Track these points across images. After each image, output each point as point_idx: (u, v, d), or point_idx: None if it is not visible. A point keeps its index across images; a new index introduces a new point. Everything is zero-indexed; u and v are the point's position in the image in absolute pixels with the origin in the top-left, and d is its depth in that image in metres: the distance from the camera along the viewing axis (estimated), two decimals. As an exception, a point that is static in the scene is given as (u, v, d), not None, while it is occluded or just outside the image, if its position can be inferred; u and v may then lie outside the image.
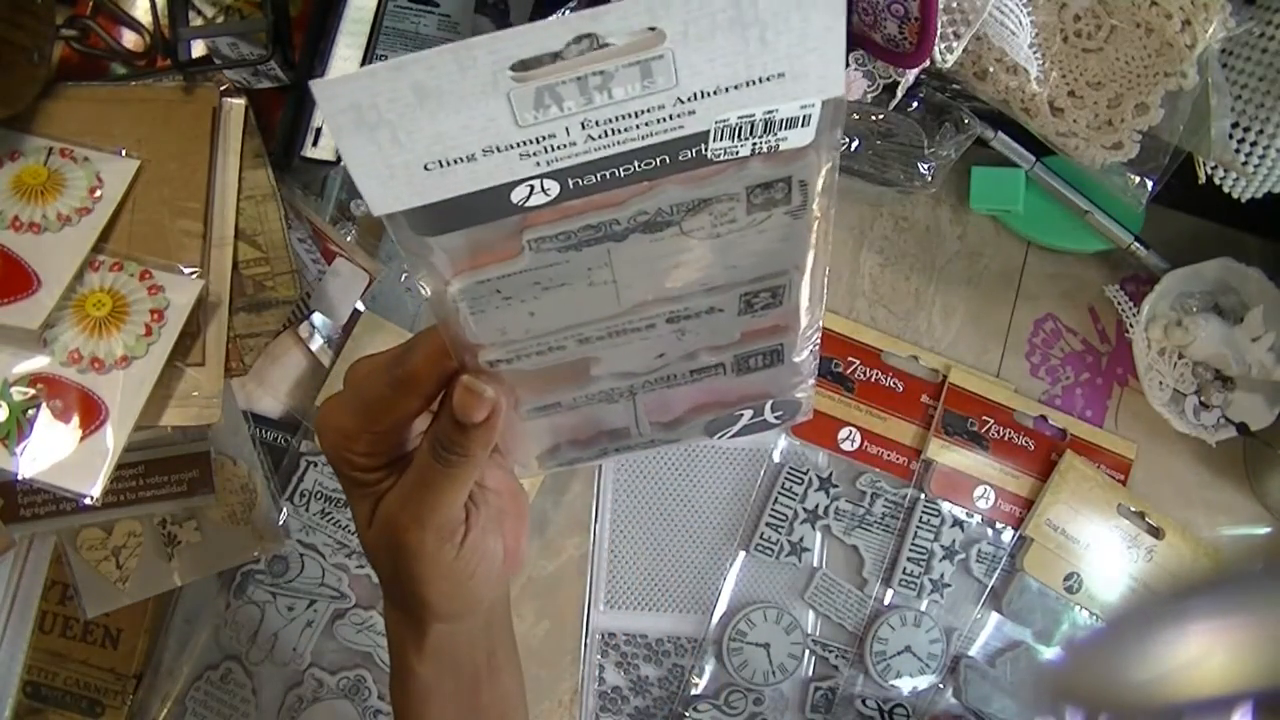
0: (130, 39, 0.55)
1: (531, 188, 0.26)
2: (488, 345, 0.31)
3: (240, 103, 0.56)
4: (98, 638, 0.58)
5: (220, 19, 0.55)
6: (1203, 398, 0.64)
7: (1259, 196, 0.57)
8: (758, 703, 0.63)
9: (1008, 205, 0.63)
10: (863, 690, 0.64)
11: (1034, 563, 0.64)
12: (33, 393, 0.51)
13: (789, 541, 0.63)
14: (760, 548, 0.63)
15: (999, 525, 0.65)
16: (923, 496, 0.64)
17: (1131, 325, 0.64)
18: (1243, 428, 0.63)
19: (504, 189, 0.25)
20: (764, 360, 0.34)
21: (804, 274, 0.31)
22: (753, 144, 0.25)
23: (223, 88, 0.56)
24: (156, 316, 0.53)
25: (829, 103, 0.25)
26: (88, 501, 0.51)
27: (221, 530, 0.58)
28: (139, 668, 0.58)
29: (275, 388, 0.61)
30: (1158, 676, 0.35)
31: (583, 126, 0.24)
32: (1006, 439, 0.65)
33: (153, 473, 0.57)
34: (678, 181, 0.26)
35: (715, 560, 0.63)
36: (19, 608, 0.56)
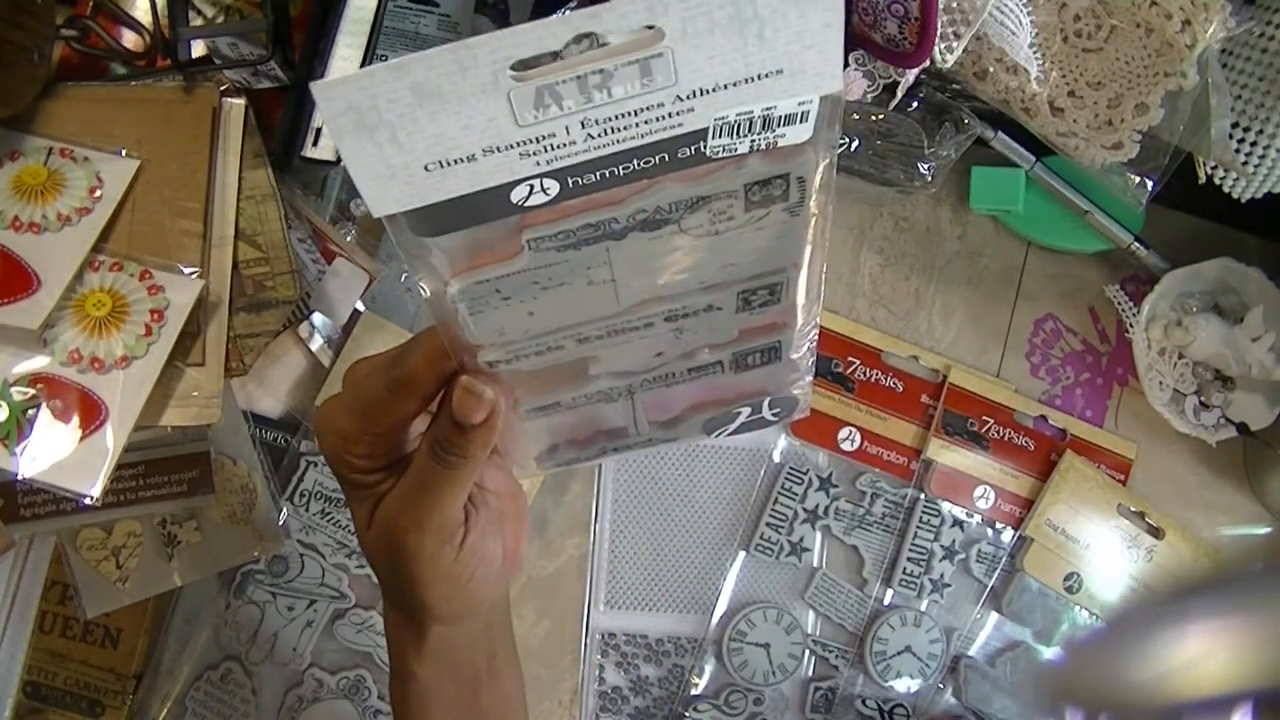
0: (130, 39, 0.55)
1: (531, 187, 0.26)
2: (486, 346, 0.31)
3: (240, 103, 0.56)
4: (98, 638, 0.58)
5: (220, 19, 0.55)
6: (1203, 398, 0.64)
7: (1259, 196, 0.57)
8: (758, 703, 0.63)
9: (1008, 205, 0.63)
10: (863, 690, 0.64)
11: (1034, 563, 0.64)
12: (33, 393, 0.51)
13: (789, 541, 0.63)
14: (760, 548, 0.63)
15: (999, 525, 0.65)
16: (923, 496, 0.64)
17: (1131, 325, 0.64)
18: (1243, 428, 0.63)
19: (504, 189, 0.26)
20: (762, 357, 0.34)
21: (801, 271, 0.31)
22: (751, 141, 0.26)
23: (223, 88, 0.56)
24: (156, 316, 0.53)
25: (827, 99, 0.25)
26: (88, 501, 0.51)
27: (221, 530, 0.58)
28: (139, 668, 0.58)
29: (275, 388, 0.61)
30: (1158, 676, 0.35)
31: (583, 125, 0.24)
32: (1006, 439, 0.65)
33: (153, 473, 0.57)
34: (676, 179, 0.27)
35: (715, 560, 0.63)
36: (19, 608, 0.56)
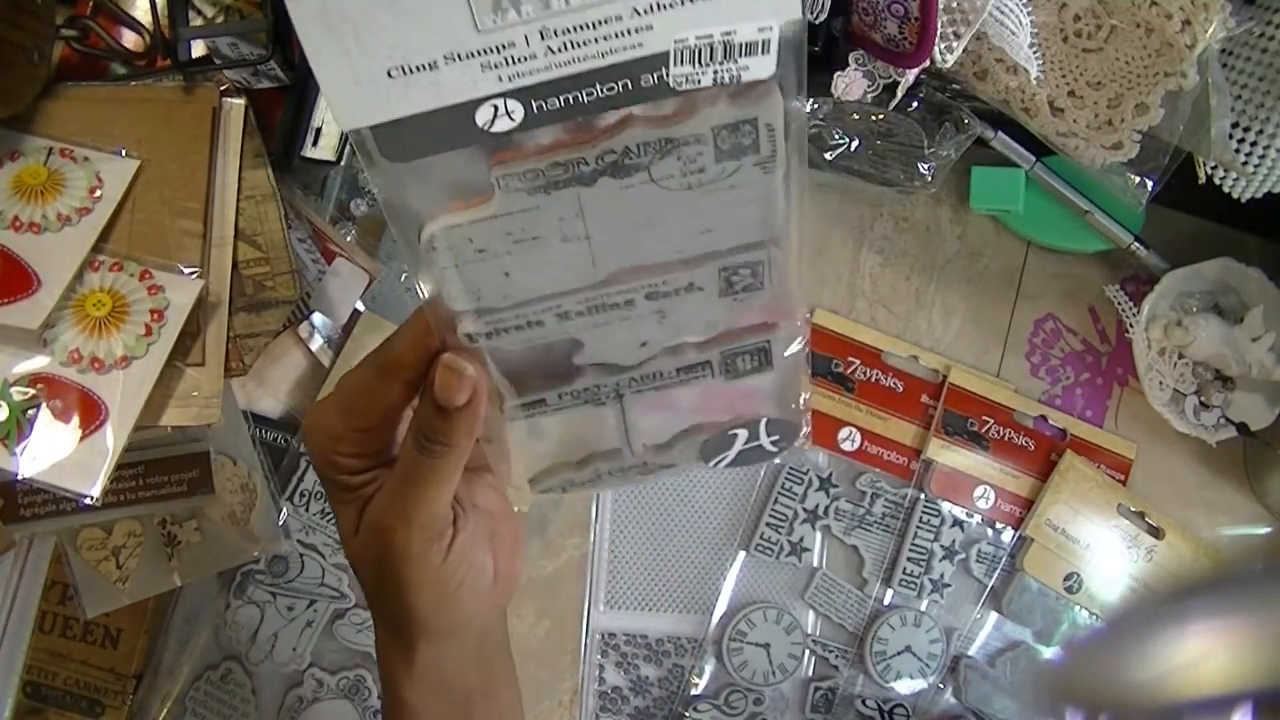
0: (130, 39, 0.55)
1: (495, 109, 0.26)
2: (466, 314, 0.31)
3: (240, 103, 0.56)
4: (98, 638, 0.58)
5: (220, 19, 0.55)
6: (1203, 398, 0.64)
7: (1259, 196, 0.57)
8: (758, 703, 0.63)
9: (1008, 205, 0.63)
10: (863, 690, 0.64)
11: (1034, 563, 0.64)
12: (33, 393, 0.51)
13: (789, 541, 0.63)
14: (760, 548, 0.63)
15: (999, 525, 0.65)
16: (923, 496, 0.64)
17: (1131, 325, 0.64)
18: (1243, 428, 0.63)
19: (467, 108, 0.26)
20: (752, 361, 0.34)
21: (781, 251, 0.31)
22: (714, 71, 0.26)
23: (223, 88, 0.56)
24: (156, 316, 0.53)
25: (788, 36, 0.25)
26: (88, 501, 0.51)
27: (221, 530, 0.58)
28: (139, 668, 0.58)
29: (275, 388, 0.61)
30: (1158, 676, 0.35)
31: (542, 36, 0.25)
32: (1006, 439, 0.65)
33: (153, 473, 0.57)
34: (644, 119, 0.27)
35: (715, 560, 0.63)
36: (19, 608, 0.56)
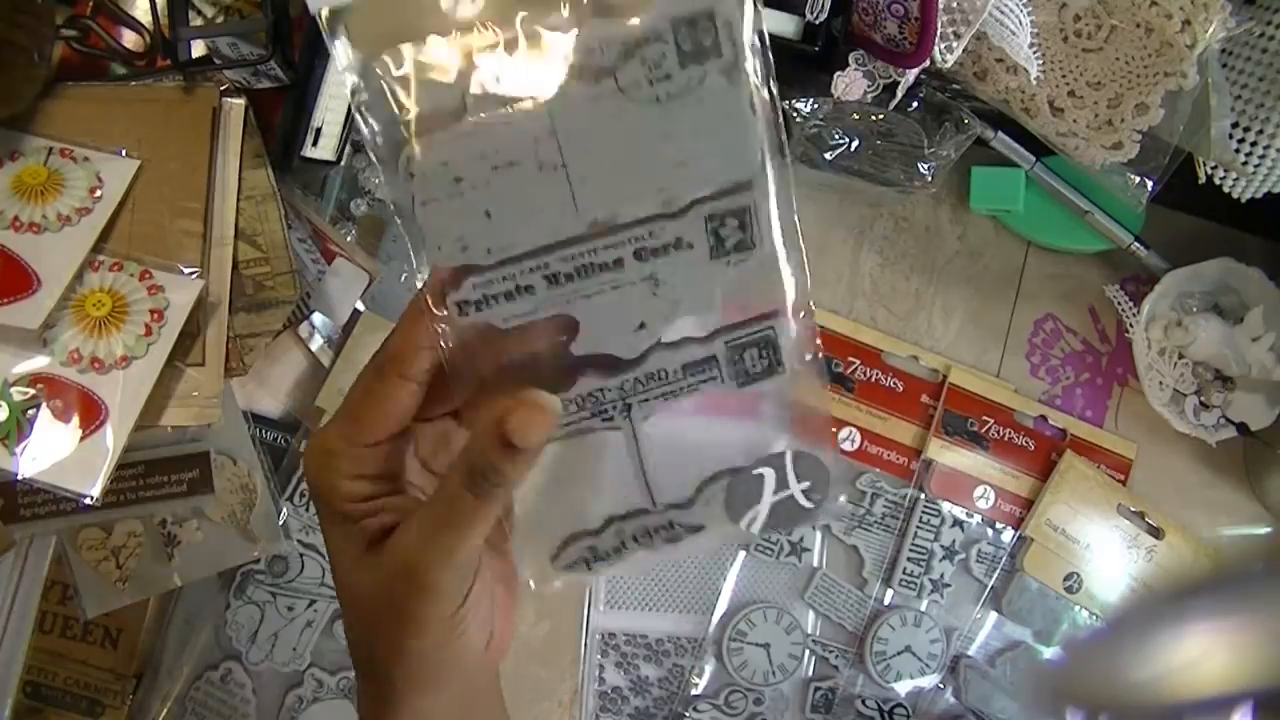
0: (130, 39, 0.55)
1: None
2: (454, 275, 0.31)
3: (240, 103, 0.56)
4: (98, 638, 0.58)
5: (220, 19, 0.55)
6: (1203, 398, 0.64)
7: (1259, 196, 0.57)
8: (758, 703, 0.63)
9: (1008, 205, 0.63)
10: (863, 690, 0.64)
11: (1034, 563, 0.64)
12: (33, 393, 0.51)
13: (789, 541, 0.63)
14: (760, 548, 0.63)
15: (999, 525, 0.65)
16: (923, 496, 0.64)
17: (1131, 325, 0.64)
18: (1243, 428, 0.63)
19: None
20: (761, 357, 0.33)
21: (767, 199, 0.31)
22: None
23: (223, 88, 0.56)
24: (156, 316, 0.53)
25: None
26: (88, 501, 0.51)
27: (221, 530, 0.58)
28: (139, 668, 0.58)
29: (275, 388, 0.61)
30: (1158, 676, 0.35)
31: None
32: (1006, 439, 0.65)
33: (153, 473, 0.57)
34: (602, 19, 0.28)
35: (715, 560, 0.63)
36: (19, 608, 0.56)
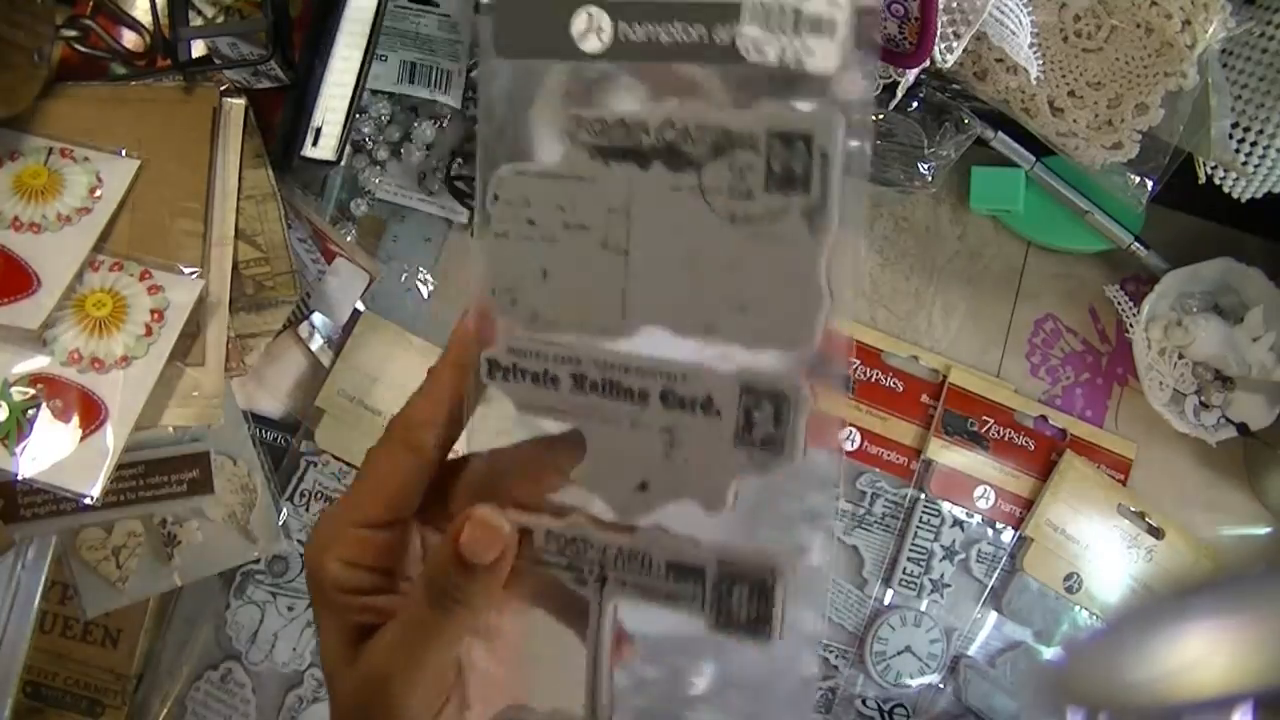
0: (130, 39, 0.55)
1: (589, 17, 0.27)
2: (490, 331, 0.30)
3: (240, 103, 0.56)
4: (98, 638, 0.58)
5: (220, 19, 0.55)
6: (1203, 398, 0.64)
7: (1259, 196, 0.57)
8: (758, 703, 0.63)
9: (1008, 205, 0.63)
10: (863, 690, 0.64)
11: (1034, 563, 0.64)
12: (33, 393, 0.51)
13: (789, 541, 0.63)
14: (760, 548, 0.63)
15: (999, 525, 0.65)
16: (923, 496, 0.64)
17: (1131, 325, 0.64)
18: (1243, 428, 0.63)
19: (566, 7, 0.28)
20: (750, 606, 0.28)
21: (804, 400, 0.27)
22: (780, 44, 0.26)
23: (223, 88, 0.56)
24: (156, 316, 0.53)
25: (859, 21, 0.26)
26: (88, 501, 0.51)
27: (221, 530, 0.58)
28: (139, 668, 0.58)
29: (275, 388, 0.61)
30: (1158, 676, 0.35)
31: None
32: (1006, 439, 0.65)
33: (153, 473, 0.57)
34: (706, 93, 0.27)
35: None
36: (19, 608, 0.56)
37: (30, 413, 0.51)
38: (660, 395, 0.29)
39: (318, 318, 0.61)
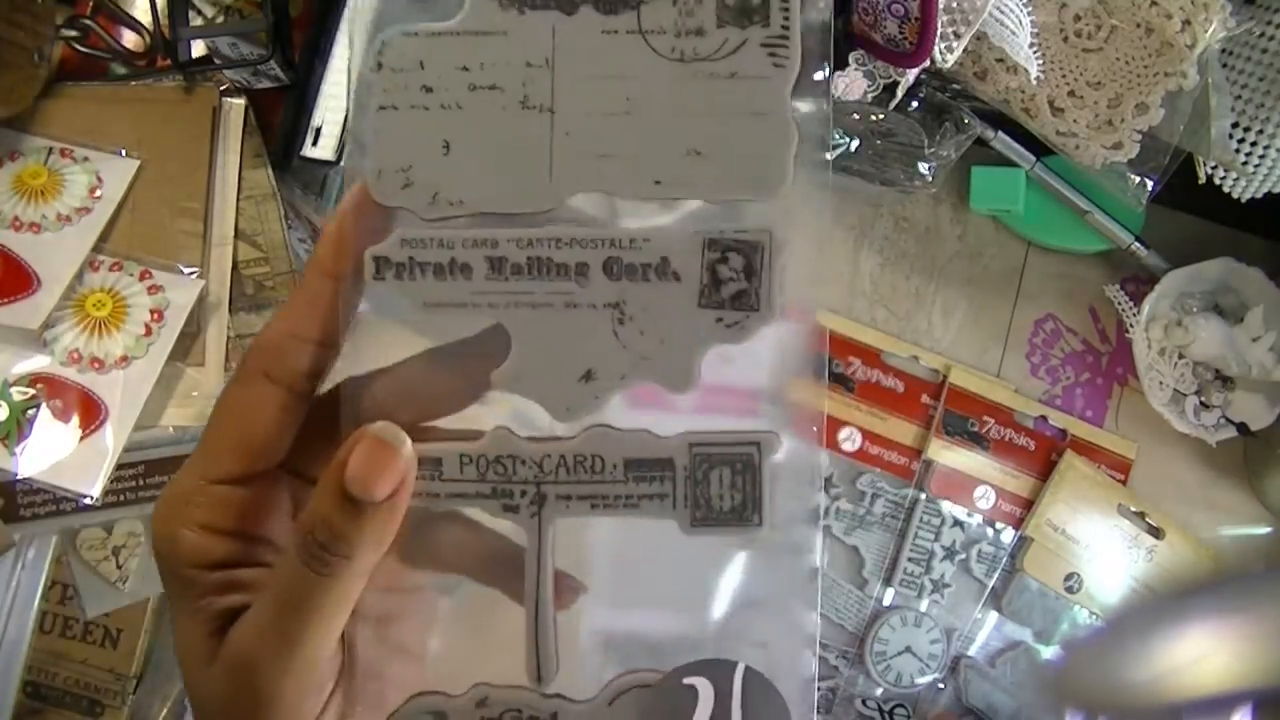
0: (130, 39, 0.55)
1: None
2: (380, 223, 0.25)
3: (240, 103, 0.56)
4: (98, 638, 0.58)
5: (220, 19, 0.55)
6: (1203, 398, 0.64)
7: (1259, 196, 0.57)
8: (758, 703, 0.62)
9: (1008, 205, 0.63)
10: (863, 690, 0.64)
11: (1034, 563, 0.64)
12: (33, 393, 0.51)
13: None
14: (760, 548, 0.63)
15: (999, 525, 0.65)
16: (923, 496, 0.64)
17: (1131, 325, 0.64)
18: (1243, 428, 0.63)
19: None
20: (732, 491, 0.25)
21: (785, 251, 0.25)
22: None
23: (223, 88, 0.56)
24: (156, 316, 0.53)
25: None
26: (88, 501, 0.51)
27: (221, 530, 0.58)
28: (139, 668, 0.58)
29: (275, 388, 0.61)
30: (1158, 676, 0.35)
31: None
32: (1006, 439, 0.65)
33: (153, 473, 0.57)
34: None
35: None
36: (19, 608, 0.56)
37: (30, 413, 0.51)
38: (603, 266, 0.25)
39: (318, 318, 0.61)
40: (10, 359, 0.51)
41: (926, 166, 0.59)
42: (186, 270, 0.54)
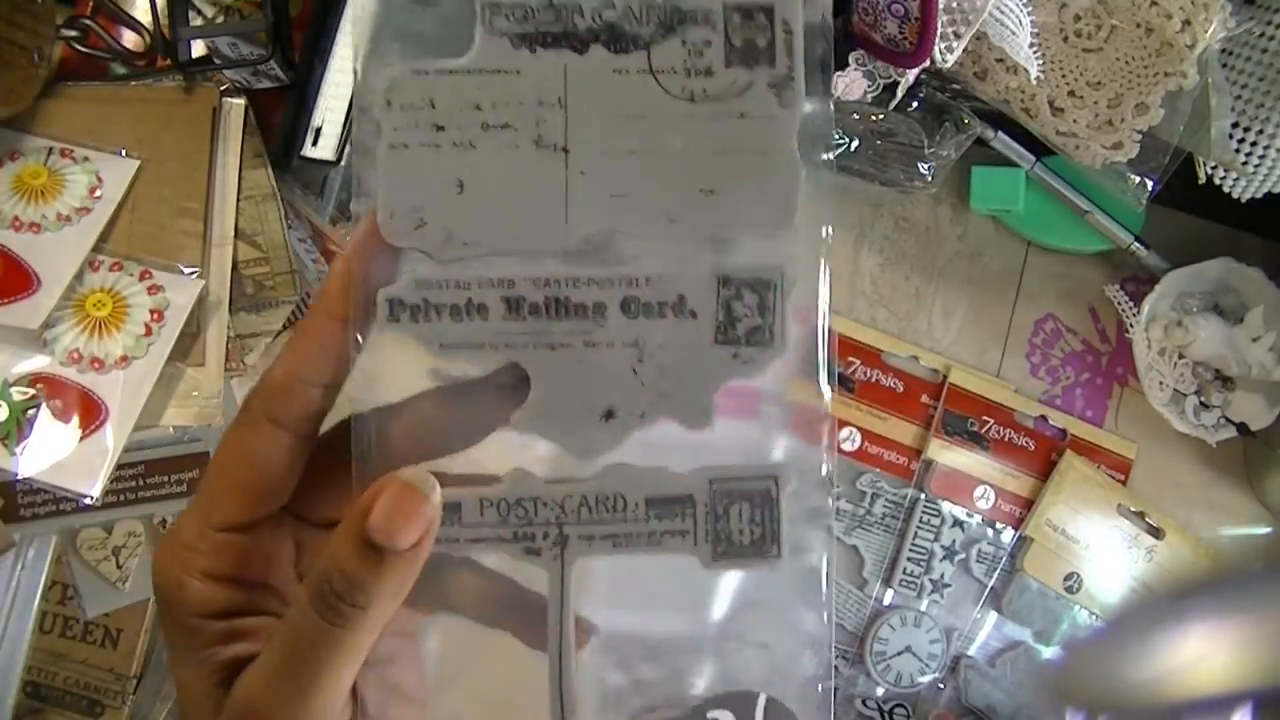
0: (130, 39, 0.55)
1: None
2: (398, 241, 0.25)
3: (240, 103, 0.56)
4: (98, 638, 0.58)
5: (220, 19, 0.55)
6: (1203, 398, 0.64)
7: (1259, 196, 0.57)
8: (758, 703, 0.62)
9: (1008, 205, 0.63)
10: (863, 690, 0.64)
11: (1034, 563, 0.64)
12: (33, 393, 0.51)
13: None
14: (760, 548, 0.63)
15: (999, 525, 0.65)
16: (923, 496, 0.64)
17: (1131, 325, 0.64)
18: (1243, 428, 0.63)
19: None
20: (753, 524, 0.26)
21: (797, 285, 0.25)
22: None
23: (223, 88, 0.56)
24: (156, 316, 0.53)
25: None
26: (88, 501, 0.51)
27: (221, 530, 0.58)
28: (139, 668, 0.58)
29: (275, 388, 0.61)
30: (1158, 676, 0.35)
31: None
32: (1006, 439, 0.65)
33: (153, 473, 0.57)
34: None
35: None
36: (19, 608, 0.56)
37: (30, 413, 0.51)
38: (621, 305, 0.25)
39: (318, 318, 0.61)
40: (10, 359, 0.51)
41: (926, 166, 0.59)
42: (186, 270, 0.54)
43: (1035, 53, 0.54)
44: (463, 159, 0.25)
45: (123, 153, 0.54)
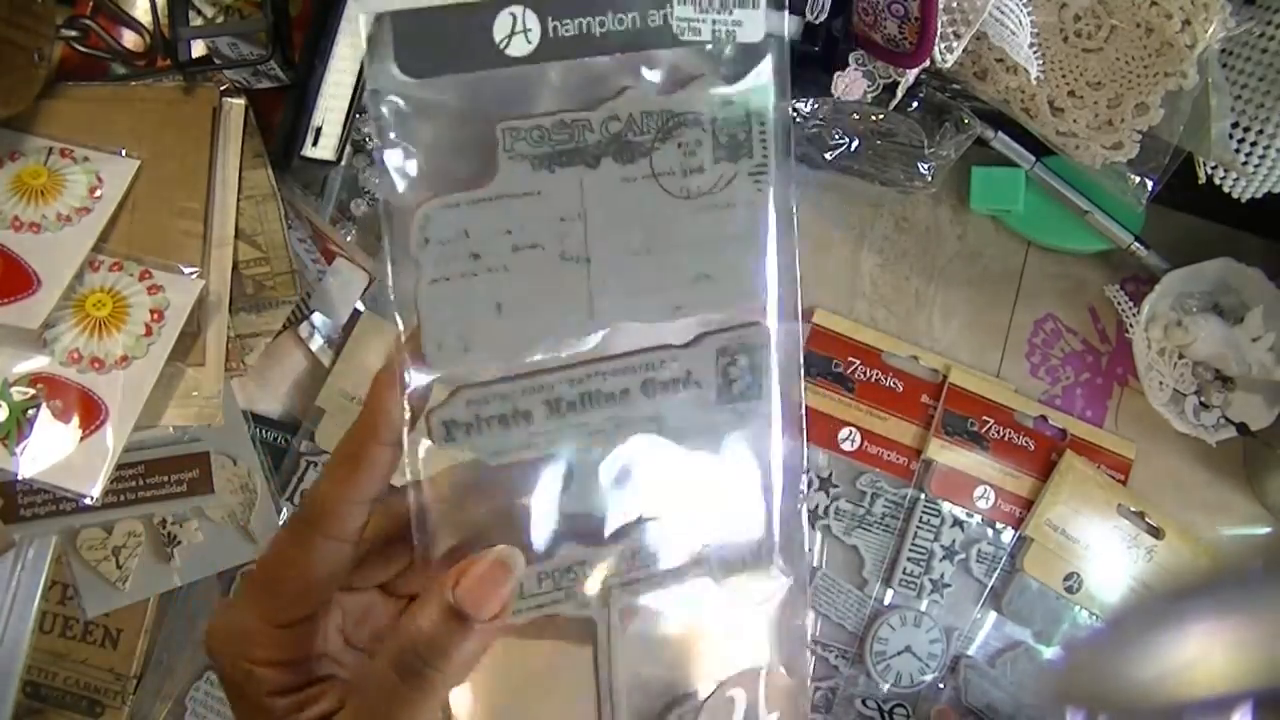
0: (130, 39, 0.55)
1: (514, 19, 0.26)
2: (443, 375, 0.27)
3: (240, 103, 0.56)
4: (98, 638, 0.58)
5: (220, 19, 0.55)
6: (1203, 398, 0.64)
7: (1259, 196, 0.57)
8: (758, 703, 0.62)
9: (1008, 205, 0.63)
10: (863, 690, 0.64)
11: (1034, 563, 0.64)
12: (33, 393, 0.51)
13: (789, 541, 0.63)
14: (760, 548, 0.63)
15: (999, 525, 0.65)
16: (923, 496, 0.64)
17: (1131, 325, 0.64)
18: (1243, 428, 0.63)
19: (487, 13, 0.26)
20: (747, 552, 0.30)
21: (771, 345, 0.29)
22: (712, 22, 0.26)
23: (223, 88, 0.56)
24: (156, 316, 0.53)
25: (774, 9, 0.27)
26: (88, 501, 0.51)
27: (221, 530, 0.58)
28: (139, 668, 0.58)
29: (275, 388, 0.61)
30: (1158, 676, 0.35)
31: None
32: (1006, 439, 0.65)
33: (153, 473, 0.57)
34: (647, 84, 0.27)
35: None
36: (19, 608, 0.56)
37: (30, 413, 0.51)
38: (641, 387, 0.28)
39: (318, 318, 0.61)
40: (10, 359, 0.51)
41: (926, 166, 0.59)
42: (186, 270, 0.54)
43: (1035, 53, 0.54)
44: (499, 282, 0.27)
45: (123, 153, 0.54)
